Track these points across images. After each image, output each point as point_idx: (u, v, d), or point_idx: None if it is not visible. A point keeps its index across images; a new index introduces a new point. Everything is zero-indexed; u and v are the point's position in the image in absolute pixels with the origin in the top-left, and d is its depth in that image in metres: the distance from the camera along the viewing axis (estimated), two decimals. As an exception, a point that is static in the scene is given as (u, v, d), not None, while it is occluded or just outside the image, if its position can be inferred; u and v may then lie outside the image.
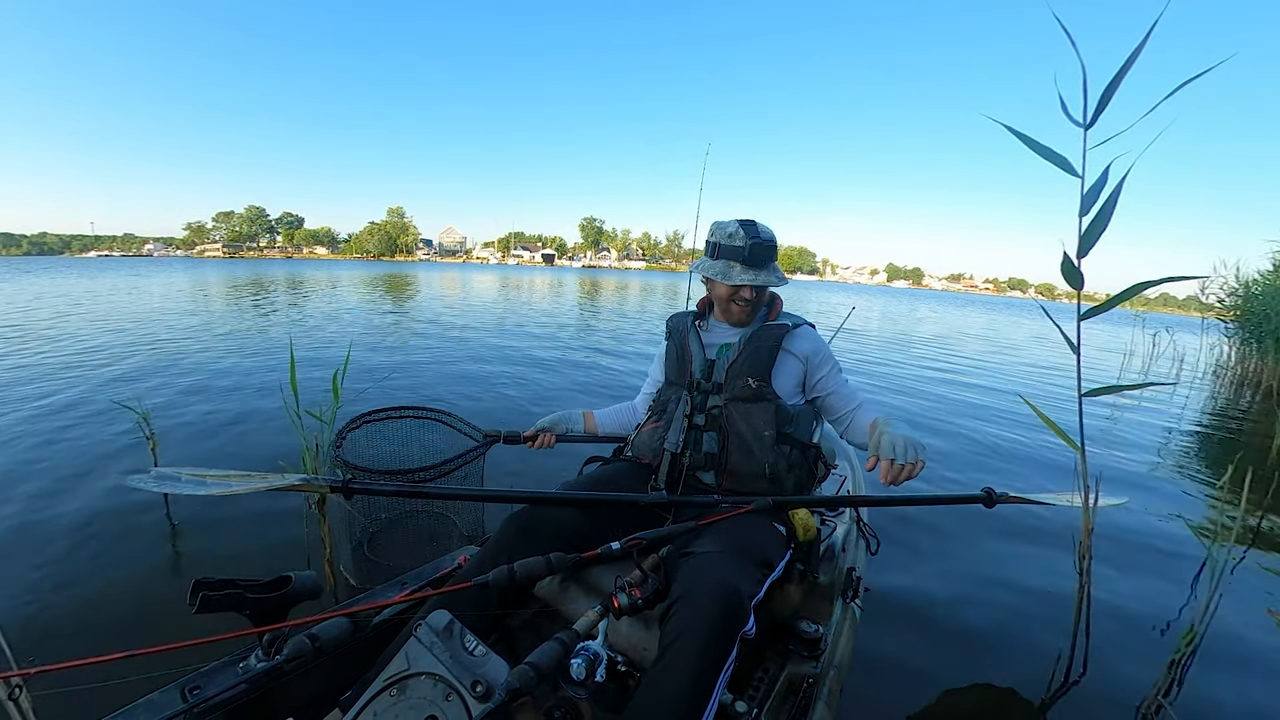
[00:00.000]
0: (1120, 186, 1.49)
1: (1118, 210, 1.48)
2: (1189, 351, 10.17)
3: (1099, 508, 1.70)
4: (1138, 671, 1.76)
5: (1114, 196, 1.49)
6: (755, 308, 1.49)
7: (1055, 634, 1.88)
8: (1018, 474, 3.70)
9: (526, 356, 7.03)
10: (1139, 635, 1.99)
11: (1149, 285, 1.53)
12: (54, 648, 1.68)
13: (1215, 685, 1.74)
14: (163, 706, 0.96)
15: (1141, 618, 2.09)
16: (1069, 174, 1.54)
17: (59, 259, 79.24)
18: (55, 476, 2.88)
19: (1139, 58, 1.43)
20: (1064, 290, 1.62)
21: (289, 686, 1.10)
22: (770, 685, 1.20)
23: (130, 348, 6.64)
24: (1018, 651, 1.86)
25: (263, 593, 1.03)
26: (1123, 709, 1.63)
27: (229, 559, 2.20)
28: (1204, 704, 1.66)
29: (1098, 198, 1.51)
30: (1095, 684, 1.72)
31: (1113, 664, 1.80)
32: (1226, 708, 1.66)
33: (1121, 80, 1.47)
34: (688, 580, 1.06)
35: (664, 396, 1.57)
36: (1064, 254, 1.56)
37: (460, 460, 1.65)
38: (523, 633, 1.37)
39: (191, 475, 1.19)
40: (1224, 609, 2.04)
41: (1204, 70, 1.44)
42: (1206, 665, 1.81)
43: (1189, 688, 1.72)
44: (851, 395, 1.48)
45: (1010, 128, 1.66)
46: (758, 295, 1.46)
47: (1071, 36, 1.52)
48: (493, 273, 50.75)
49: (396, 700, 0.84)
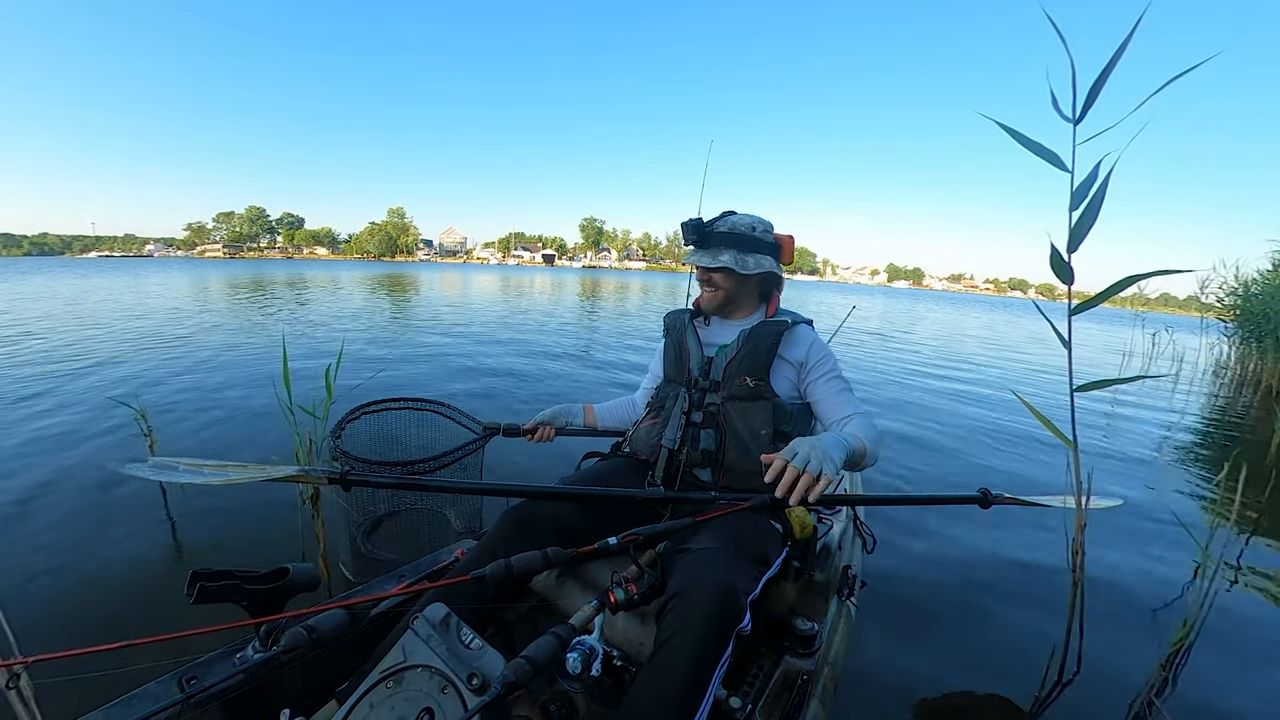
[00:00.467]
0: (1106, 181, 1.50)
1: (1118, 210, 1.49)
2: (1189, 351, 10.18)
3: (1093, 509, 1.71)
4: (1132, 669, 1.77)
5: (1101, 191, 1.50)
6: (725, 295, 1.48)
7: (1050, 631, 1.88)
8: (1016, 472, 3.71)
9: (526, 354, 7.03)
10: (1134, 632, 2.00)
11: (1138, 278, 1.55)
12: (45, 638, 1.68)
13: (1208, 682, 1.75)
14: (160, 696, 0.97)
15: (1137, 615, 2.10)
16: (1059, 169, 1.55)
17: (59, 259, 79.27)
18: (50, 469, 2.89)
19: (1125, 54, 1.45)
20: (1065, 291, 1.64)
21: (285, 678, 1.10)
22: (765, 681, 1.21)
23: (126, 345, 6.65)
24: (1012, 649, 1.87)
25: (260, 584, 1.04)
26: (1116, 707, 1.64)
27: (224, 551, 2.21)
28: (1196, 701, 1.67)
29: (1087, 193, 1.52)
30: (1088, 682, 1.72)
31: (1107, 661, 1.81)
32: (1218, 704, 1.67)
33: (1108, 76, 1.48)
34: (684, 576, 1.06)
35: (662, 393, 1.57)
36: (1052, 247, 1.57)
37: (460, 452, 1.65)
38: (519, 627, 1.38)
39: (189, 465, 1.19)
40: (1219, 605, 2.06)
41: (1191, 67, 1.45)
42: (1200, 662, 1.82)
43: (1182, 685, 1.73)
44: (841, 406, 1.39)
45: (1001, 124, 1.67)
46: (719, 278, 1.46)
47: (1060, 32, 1.53)
48: (493, 273, 50.70)
49: (393, 692, 0.85)
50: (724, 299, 1.49)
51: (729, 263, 1.42)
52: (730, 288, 1.48)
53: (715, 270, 1.46)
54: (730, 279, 1.46)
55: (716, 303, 1.50)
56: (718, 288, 1.48)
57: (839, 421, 1.37)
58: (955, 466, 3.72)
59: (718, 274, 1.46)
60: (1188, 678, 1.76)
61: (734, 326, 1.51)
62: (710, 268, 1.45)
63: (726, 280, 1.47)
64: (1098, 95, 1.49)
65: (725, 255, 1.43)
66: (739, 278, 1.47)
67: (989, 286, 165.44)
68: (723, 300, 1.49)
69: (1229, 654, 1.90)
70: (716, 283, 1.47)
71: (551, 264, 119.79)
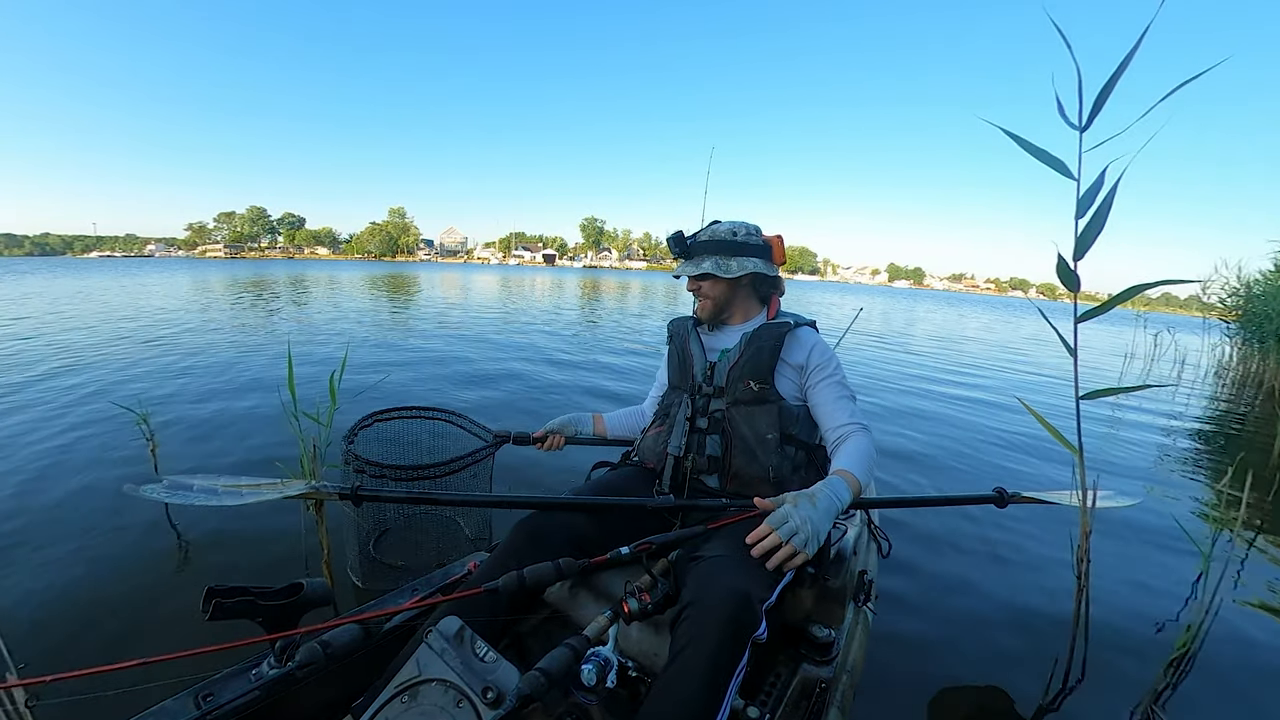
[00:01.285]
0: (1114, 190, 1.48)
1: (1121, 210, 1.48)
2: (1191, 352, 10.17)
3: (1109, 508, 1.70)
4: (1136, 675, 1.76)
5: (1109, 199, 1.48)
6: (715, 303, 1.50)
7: (1056, 636, 1.87)
8: (1028, 475, 3.70)
9: (532, 358, 7.03)
10: (1139, 637, 1.98)
11: (1146, 287, 1.52)
12: (51, 655, 1.66)
13: (1211, 689, 1.74)
14: (176, 713, 0.97)
15: (1142, 620, 2.08)
16: (1065, 176, 1.53)
17: (61, 259, 79.24)
18: (52, 477, 2.88)
19: (1134, 60, 1.42)
20: (1065, 290, 1.63)
21: (301, 693, 1.10)
22: (783, 690, 1.20)
23: (128, 347, 6.64)
24: (1019, 655, 1.86)
25: (274, 600, 1.03)
26: (1117, 715, 1.63)
27: (224, 549, 2.21)
28: (1198, 708, 1.66)
29: (1094, 200, 1.50)
30: (1092, 689, 1.71)
31: (1111, 667, 1.80)
32: (1221, 712, 1.66)
33: (1115, 84, 1.46)
34: (698, 585, 1.05)
35: (668, 400, 1.57)
36: (1059, 256, 1.55)
37: (469, 459, 1.66)
38: (533, 639, 1.38)
39: (204, 485, 1.20)
40: (1224, 611, 2.04)
41: (1200, 73, 1.42)
42: (1204, 668, 1.81)
43: (1185, 692, 1.71)
44: (839, 414, 1.36)
45: (1006, 130, 1.64)
46: (707, 287, 1.49)
47: (1066, 38, 1.51)
48: (494, 273, 50.66)
49: (408, 707, 0.85)
50: (714, 307, 1.51)
51: (710, 268, 1.44)
52: (718, 294, 1.49)
53: (700, 278, 1.49)
54: (717, 285, 1.49)
55: (709, 311, 1.52)
56: (706, 296, 1.51)
57: (835, 430, 1.36)
58: (964, 475, 3.69)
59: (705, 282, 1.49)
60: (1190, 684, 1.75)
61: (735, 331, 1.51)
62: (694, 275, 1.48)
63: (714, 288, 1.49)
64: (1104, 103, 1.47)
65: (707, 262, 1.46)
66: (725, 283, 1.48)
67: (990, 286, 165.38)
68: (713, 308, 1.51)
69: (1232, 661, 1.87)
70: (705, 291, 1.50)
71: (552, 264, 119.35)
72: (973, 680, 1.73)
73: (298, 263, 67.61)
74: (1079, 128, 1.48)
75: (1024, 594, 2.20)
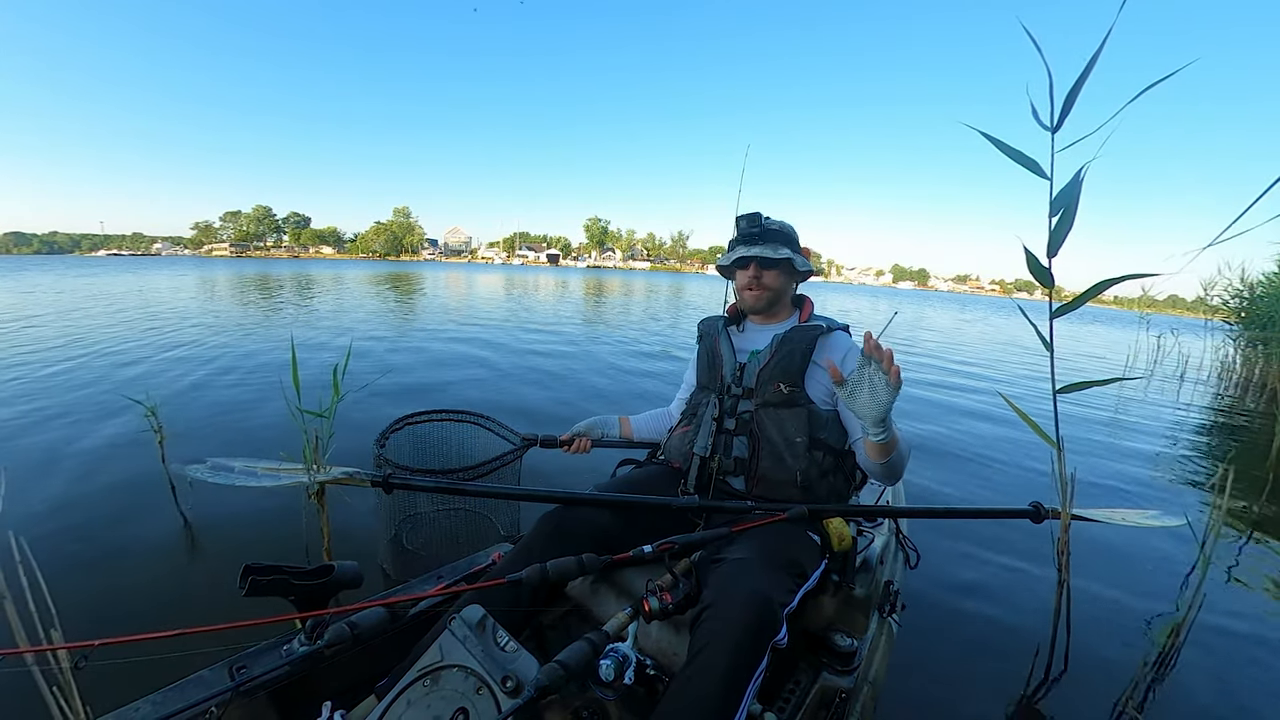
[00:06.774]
0: (1080, 187, 1.55)
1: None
2: (1193, 353, 9.74)
3: (1155, 527, 1.65)
4: (1121, 667, 1.78)
5: (1075, 197, 1.56)
6: (771, 294, 1.46)
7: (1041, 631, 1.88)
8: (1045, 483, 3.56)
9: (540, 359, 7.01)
10: (1126, 632, 2.00)
11: (1113, 282, 1.64)
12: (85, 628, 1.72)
13: (1195, 681, 1.76)
14: (212, 683, 1.01)
15: (1130, 614, 2.11)
16: (1039, 176, 1.60)
17: (69, 257, 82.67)
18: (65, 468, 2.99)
19: (1097, 64, 1.52)
20: (1069, 291, 1.68)
21: (328, 671, 1.14)
22: (801, 698, 1.18)
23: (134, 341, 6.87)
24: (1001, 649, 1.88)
25: (307, 580, 1.07)
26: (1101, 705, 1.64)
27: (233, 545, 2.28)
28: (1180, 701, 1.67)
29: (1068, 199, 1.57)
30: (1074, 680, 1.73)
31: (1095, 659, 1.81)
32: (1203, 702, 1.69)
33: (1082, 86, 1.53)
34: (719, 587, 1.05)
35: (695, 400, 1.56)
36: (1026, 251, 1.65)
37: (497, 462, 1.68)
38: (553, 631, 1.39)
39: (243, 468, 1.25)
40: (1210, 605, 2.06)
41: (1167, 75, 1.52)
42: (1189, 661, 1.83)
43: (1169, 684, 1.74)
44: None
45: (985, 133, 1.73)
46: (768, 278, 1.44)
47: (1037, 42, 1.57)
48: (498, 273, 50.75)
49: (429, 690, 0.86)
50: (771, 297, 1.47)
51: (771, 252, 1.40)
52: (779, 286, 1.46)
53: (771, 266, 1.44)
54: (780, 277, 1.45)
55: (764, 300, 1.47)
56: (767, 286, 1.46)
57: (859, 440, 1.33)
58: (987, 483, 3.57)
59: (769, 271, 1.44)
60: (1177, 676, 1.77)
61: (768, 331, 1.48)
62: (774, 258, 1.42)
63: (777, 279, 1.45)
64: (1072, 105, 1.55)
65: (785, 250, 1.42)
66: (788, 277, 1.46)
67: (994, 288, 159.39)
68: (769, 300, 1.47)
69: (1218, 654, 1.90)
70: (767, 281, 1.45)
71: (556, 264, 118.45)
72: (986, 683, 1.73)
73: (302, 262, 68.18)
74: (1051, 129, 1.55)
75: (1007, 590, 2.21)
